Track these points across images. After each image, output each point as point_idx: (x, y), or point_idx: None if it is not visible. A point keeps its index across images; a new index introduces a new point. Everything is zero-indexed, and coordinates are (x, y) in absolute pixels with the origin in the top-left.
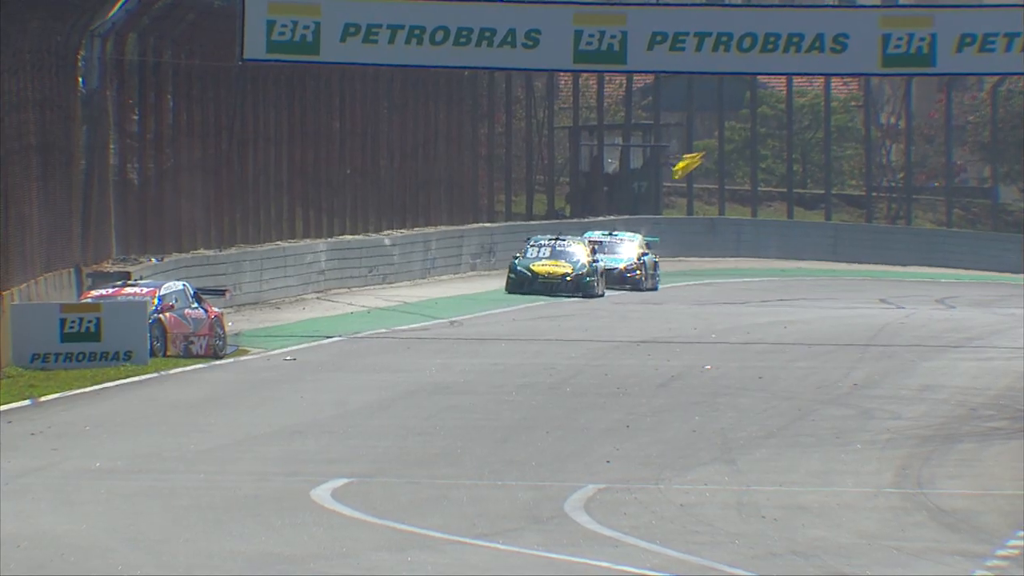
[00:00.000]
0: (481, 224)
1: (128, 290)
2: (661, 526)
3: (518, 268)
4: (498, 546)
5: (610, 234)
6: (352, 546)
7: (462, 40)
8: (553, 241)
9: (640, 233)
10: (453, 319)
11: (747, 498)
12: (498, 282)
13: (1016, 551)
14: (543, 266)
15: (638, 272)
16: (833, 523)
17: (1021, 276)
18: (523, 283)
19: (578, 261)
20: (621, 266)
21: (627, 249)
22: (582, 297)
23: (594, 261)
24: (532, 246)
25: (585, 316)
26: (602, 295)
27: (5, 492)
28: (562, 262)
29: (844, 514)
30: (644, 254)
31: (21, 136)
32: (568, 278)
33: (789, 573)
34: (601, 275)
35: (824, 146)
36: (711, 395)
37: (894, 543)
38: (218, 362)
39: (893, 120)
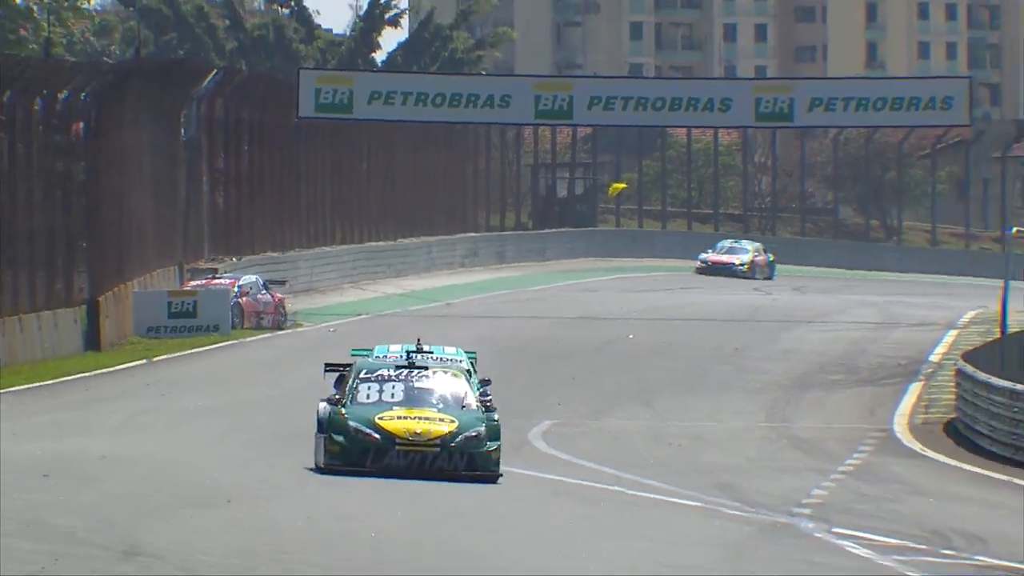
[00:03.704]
0: (468, 234)
1: (216, 281)
2: (598, 451)
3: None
4: None
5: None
6: None
7: (455, 103)
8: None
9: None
10: (448, 302)
11: (660, 431)
12: (480, 276)
13: (851, 467)
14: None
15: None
16: (723, 449)
17: (854, 272)
18: None
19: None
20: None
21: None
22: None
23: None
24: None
25: (541, 301)
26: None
27: (128, 427)
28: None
29: (730, 442)
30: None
31: (140, 171)
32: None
33: (692, 484)
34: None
35: (714, 178)
36: (633, 356)
37: (767, 463)
38: (280, 332)
39: (763, 159)
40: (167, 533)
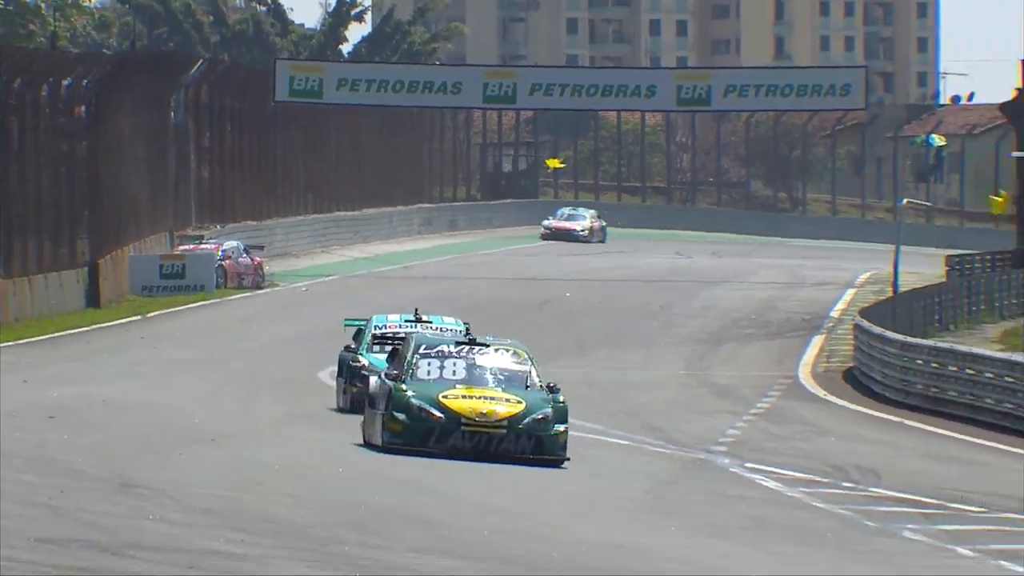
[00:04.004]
0: (424, 205)
1: (202, 246)
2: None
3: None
4: None
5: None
6: (330, 407)
7: (413, 89)
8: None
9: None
10: (406, 265)
11: (594, 378)
12: (435, 242)
13: (762, 410)
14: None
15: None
16: (648, 394)
17: (763, 238)
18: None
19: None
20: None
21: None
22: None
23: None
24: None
25: (489, 264)
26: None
27: (125, 375)
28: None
29: (654, 388)
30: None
31: (135, 150)
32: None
33: (622, 426)
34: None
35: (640, 156)
36: (570, 313)
37: (687, 405)
38: (259, 292)
39: (684, 139)
40: (159, 469)
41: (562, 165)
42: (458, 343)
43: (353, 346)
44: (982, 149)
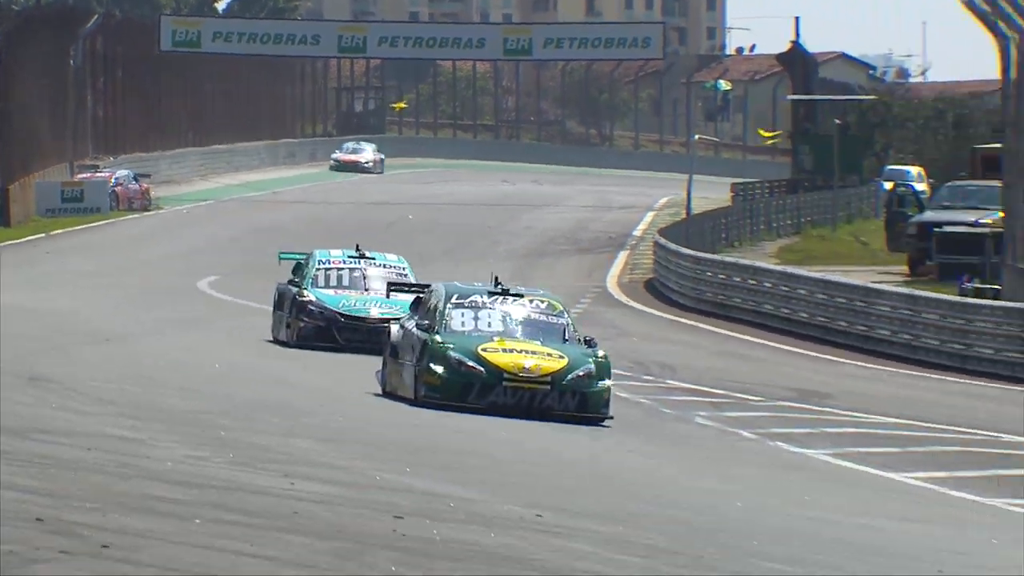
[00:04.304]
0: (288, 140)
1: (98, 174)
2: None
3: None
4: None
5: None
6: (229, 309)
7: (278, 41)
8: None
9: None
10: (275, 191)
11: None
12: (298, 171)
13: (576, 314)
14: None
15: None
16: None
17: (577, 169)
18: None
19: None
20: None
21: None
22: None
23: None
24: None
25: (345, 191)
26: None
27: (32, 286)
28: None
29: None
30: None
31: (40, 92)
32: None
33: None
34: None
35: (472, 98)
36: (412, 232)
37: None
38: (147, 214)
39: (509, 84)
40: (62, 365)
41: (404, 106)
42: (491, 292)
43: (296, 280)
44: (762, 93)
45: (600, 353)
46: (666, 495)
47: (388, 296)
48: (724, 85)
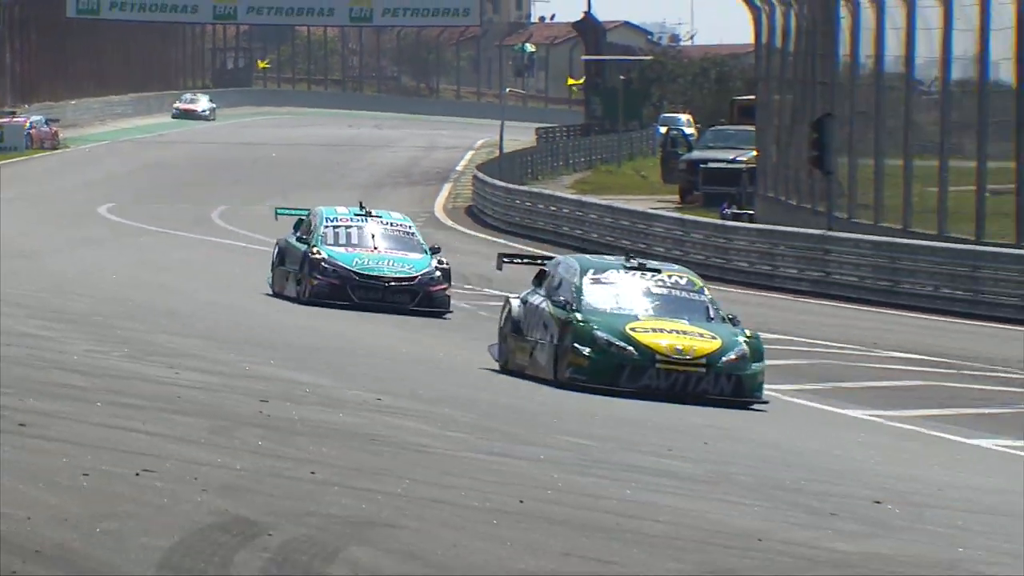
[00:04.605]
0: (173, 91)
1: (15, 119)
2: (256, 225)
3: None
4: (184, 233)
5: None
6: (125, 230)
7: (164, 9)
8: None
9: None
10: (160, 134)
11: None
12: (164, 118)
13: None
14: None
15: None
16: None
17: (410, 116)
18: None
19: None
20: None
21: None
22: None
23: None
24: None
25: (217, 132)
26: None
27: None
28: None
29: None
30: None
31: None
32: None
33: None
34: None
35: (324, 58)
36: (274, 167)
37: None
38: (56, 152)
39: (354, 46)
40: None
41: (267, 65)
42: (626, 267)
43: (304, 237)
44: (561, 54)
45: (748, 332)
46: (481, 382)
47: (500, 268)
48: (529, 48)
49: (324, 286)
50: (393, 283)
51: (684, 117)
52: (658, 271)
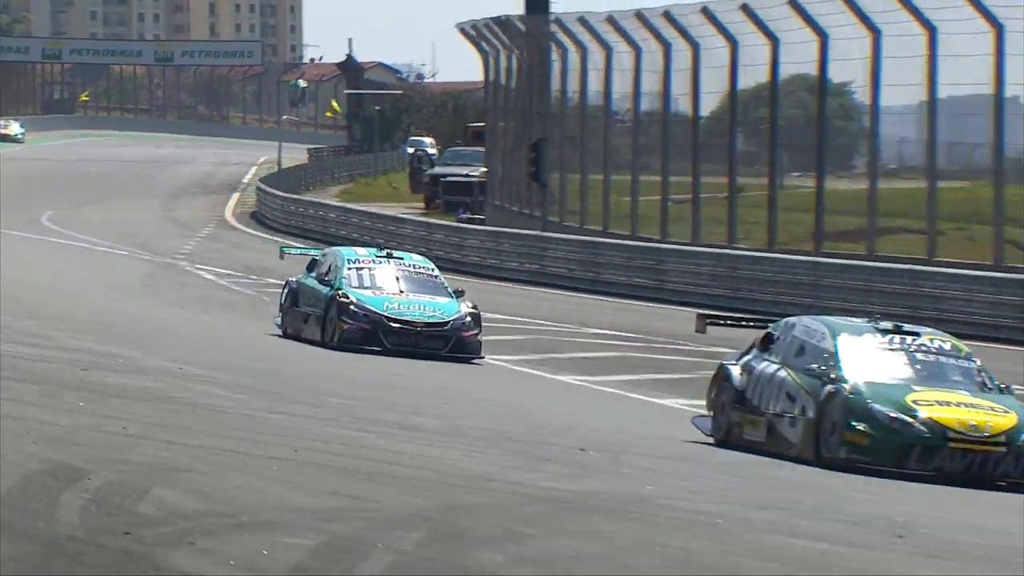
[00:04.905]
0: (24, 116)
1: None
2: (87, 227)
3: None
4: (19, 233)
5: None
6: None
7: (1, 50)
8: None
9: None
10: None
11: (109, 218)
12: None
13: (204, 235)
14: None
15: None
16: (139, 225)
17: (204, 138)
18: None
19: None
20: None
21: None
22: None
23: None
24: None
25: (50, 152)
26: None
27: None
28: None
29: (142, 222)
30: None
31: None
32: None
33: (122, 243)
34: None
35: (134, 91)
36: (95, 178)
37: (161, 231)
38: None
39: (159, 81)
40: None
41: (87, 98)
42: (880, 329)
43: (326, 278)
44: (328, 89)
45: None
46: (258, 351)
47: (703, 331)
48: (302, 83)
49: (355, 331)
50: (425, 329)
51: (428, 140)
52: (917, 334)
